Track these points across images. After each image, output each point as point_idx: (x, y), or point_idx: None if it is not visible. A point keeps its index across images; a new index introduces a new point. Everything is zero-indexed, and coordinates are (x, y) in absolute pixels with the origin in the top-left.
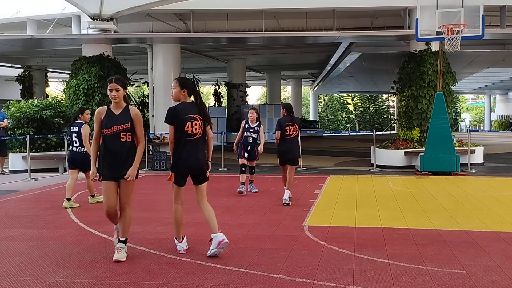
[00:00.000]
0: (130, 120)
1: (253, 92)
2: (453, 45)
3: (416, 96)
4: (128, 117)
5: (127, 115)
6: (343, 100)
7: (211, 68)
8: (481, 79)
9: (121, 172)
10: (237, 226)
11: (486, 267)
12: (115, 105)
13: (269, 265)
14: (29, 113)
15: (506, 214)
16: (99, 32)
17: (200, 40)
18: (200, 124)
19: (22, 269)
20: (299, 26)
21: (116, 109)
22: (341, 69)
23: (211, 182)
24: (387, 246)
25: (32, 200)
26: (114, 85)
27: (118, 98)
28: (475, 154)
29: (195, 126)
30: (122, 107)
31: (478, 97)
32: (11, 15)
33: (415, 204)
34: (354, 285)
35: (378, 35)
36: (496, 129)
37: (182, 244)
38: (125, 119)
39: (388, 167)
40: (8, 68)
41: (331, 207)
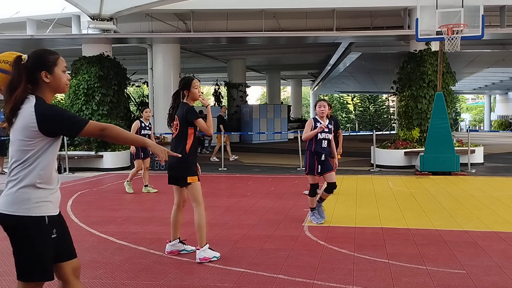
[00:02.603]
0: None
1: (253, 92)
2: (453, 45)
3: (416, 96)
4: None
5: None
6: (343, 100)
7: (211, 68)
8: (481, 79)
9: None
10: (237, 226)
11: (486, 267)
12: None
13: (269, 265)
14: None
15: (506, 214)
16: (99, 32)
17: (200, 40)
18: (176, 124)
19: None
20: (299, 26)
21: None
22: (341, 69)
23: (211, 182)
24: (387, 246)
25: None
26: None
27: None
28: (475, 154)
29: (175, 126)
30: None
31: (478, 97)
32: (11, 15)
33: (415, 204)
34: (354, 285)
35: (378, 35)
36: (496, 129)
37: (168, 245)
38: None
39: (388, 167)
40: None
41: (331, 207)
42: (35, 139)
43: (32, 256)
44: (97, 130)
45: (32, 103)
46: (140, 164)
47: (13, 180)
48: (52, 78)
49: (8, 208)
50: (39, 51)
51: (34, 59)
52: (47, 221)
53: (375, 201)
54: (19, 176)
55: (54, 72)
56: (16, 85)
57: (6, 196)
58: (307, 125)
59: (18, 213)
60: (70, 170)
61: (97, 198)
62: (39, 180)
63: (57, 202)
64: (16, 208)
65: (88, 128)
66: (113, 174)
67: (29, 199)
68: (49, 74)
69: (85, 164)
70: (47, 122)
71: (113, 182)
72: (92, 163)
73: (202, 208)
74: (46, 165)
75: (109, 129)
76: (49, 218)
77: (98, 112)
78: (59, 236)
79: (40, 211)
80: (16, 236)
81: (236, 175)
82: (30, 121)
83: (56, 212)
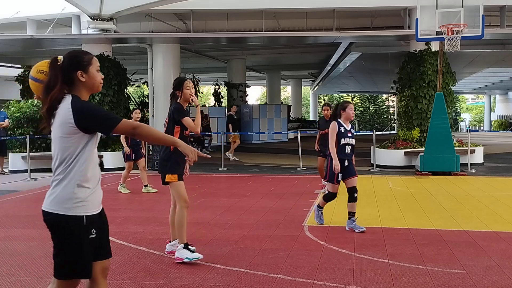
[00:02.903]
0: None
1: (253, 92)
2: (453, 45)
3: (416, 96)
4: None
5: None
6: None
7: (211, 68)
8: (481, 79)
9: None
10: (237, 226)
11: (486, 267)
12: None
13: (269, 265)
14: (29, 113)
15: (506, 214)
16: (99, 32)
17: (200, 40)
18: (165, 123)
19: (22, 269)
20: (299, 26)
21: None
22: (341, 69)
23: (211, 182)
24: (387, 246)
25: (32, 200)
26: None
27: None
28: (475, 154)
29: (165, 125)
30: None
31: (478, 97)
32: (11, 15)
33: (415, 204)
34: (354, 285)
35: (378, 35)
36: (496, 129)
37: (168, 245)
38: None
39: (388, 167)
40: (8, 68)
41: (331, 207)
42: (73, 135)
43: (70, 254)
44: (130, 129)
45: (69, 100)
46: (130, 165)
47: (56, 180)
48: (87, 77)
49: (51, 207)
50: (74, 52)
51: (69, 60)
52: (86, 221)
53: (375, 201)
54: (61, 176)
55: (89, 71)
56: (52, 85)
57: (50, 195)
58: (332, 130)
59: (59, 212)
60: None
61: None
62: (80, 178)
63: (98, 201)
64: (58, 207)
65: (121, 126)
66: (113, 174)
67: (70, 198)
68: (85, 73)
69: None
70: (83, 118)
71: (113, 182)
72: None
73: (183, 208)
74: (86, 163)
75: (141, 128)
76: (87, 218)
77: None
78: (98, 236)
79: (79, 211)
80: (56, 234)
81: (236, 175)
82: (68, 117)
83: (96, 211)
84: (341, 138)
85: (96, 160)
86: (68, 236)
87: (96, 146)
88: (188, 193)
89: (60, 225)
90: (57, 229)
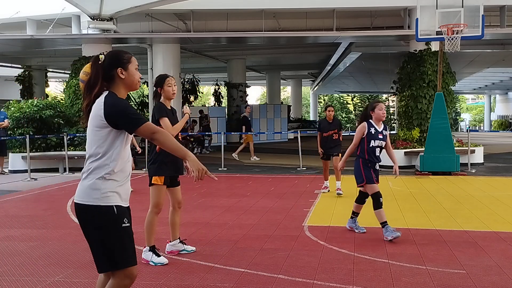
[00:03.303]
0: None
1: (253, 92)
2: (453, 45)
3: (416, 96)
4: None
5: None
6: (343, 100)
7: (211, 68)
8: (481, 79)
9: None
10: (237, 226)
11: (486, 267)
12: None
13: (269, 265)
14: (29, 113)
15: (506, 214)
16: (99, 32)
17: (200, 40)
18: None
19: (22, 269)
20: (299, 26)
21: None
22: (341, 69)
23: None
24: (387, 246)
25: (32, 200)
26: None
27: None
28: (475, 154)
29: None
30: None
31: (478, 97)
32: (11, 15)
33: (415, 204)
34: (354, 285)
35: (378, 35)
36: (496, 129)
37: (168, 245)
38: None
39: (388, 167)
40: (8, 68)
41: (331, 207)
42: (103, 128)
43: (109, 244)
44: (150, 133)
45: (104, 95)
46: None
47: (86, 172)
48: (127, 75)
49: (81, 198)
50: (115, 51)
51: (110, 58)
52: (116, 210)
53: None
54: (90, 167)
55: (128, 69)
56: (94, 83)
57: (79, 187)
58: (358, 130)
59: (89, 203)
60: (70, 170)
61: None
62: (109, 171)
63: (127, 195)
64: (87, 198)
65: (143, 128)
66: None
67: (99, 189)
68: (124, 70)
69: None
70: (112, 112)
71: None
72: None
73: (153, 213)
74: (115, 157)
75: (159, 134)
76: (117, 208)
77: None
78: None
79: (109, 201)
80: (89, 226)
81: (236, 175)
82: (99, 110)
83: (125, 204)
84: (370, 139)
85: (127, 156)
86: (101, 226)
87: (128, 142)
88: (188, 193)
89: (90, 216)
90: (88, 221)
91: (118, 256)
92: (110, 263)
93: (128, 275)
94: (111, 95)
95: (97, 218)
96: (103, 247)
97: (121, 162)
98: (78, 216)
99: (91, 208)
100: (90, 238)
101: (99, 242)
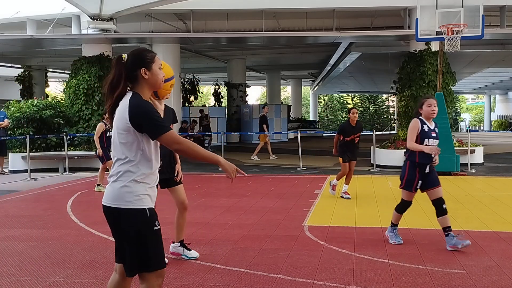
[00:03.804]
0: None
1: (253, 92)
2: (453, 45)
3: (416, 96)
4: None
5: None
6: (343, 100)
7: (211, 68)
8: (481, 79)
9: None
10: (237, 226)
11: (486, 267)
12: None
13: (269, 265)
14: (29, 113)
15: (506, 214)
16: (99, 32)
17: (200, 40)
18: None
19: (22, 269)
20: (299, 26)
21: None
22: (341, 69)
23: (211, 182)
24: (387, 246)
25: (32, 200)
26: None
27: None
28: (475, 154)
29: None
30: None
31: (478, 97)
32: (11, 15)
33: (415, 204)
34: (354, 285)
35: (378, 35)
36: (496, 129)
37: (171, 246)
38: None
39: (388, 167)
40: (8, 68)
41: (331, 207)
42: (128, 132)
43: (140, 248)
44: (173, 143)
45: (128, 97)
46: (109, 164)
47: (115, 174)
48: (150, 75)
49: (112, 201)
50: (138, 50)
51: (133, 57)
52: (149, 213)
53: (375, 201)
54: (120, 170)
55: (152, 68)
56: (117, 83)
57: (109, 189)
58: (412, 128)
59: (122, 206)
60: (70, 170)
61: (97, 198)
62: (139, 174)
63: (155, 197)
64: (120, 201)
65: (166, 137)
66: None
67: (131, 192)
68: (148, 70)
69: (85, 164)
70: (137, 116)
71: None
72: (92, 163)
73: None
74: (145, 160)
75: (184, 145)
76: (150, 211)
77: (98, 112)
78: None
79: (141, 204)
80: (121, 229)
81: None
82: (124, 113)
83: (153, 206)
84: (424, 138)
85: (157, 157)
86: (135, 229)
87: (156, 145)
88: (188, 193)
89: (123, 219)
90: (121, 224)
91: (151, 259)
92: (143, 266)
93: (160, 273)
94: (136, 96)
95: (130, 222)
96: (136, 250)
97: (151, 164)
98: (109, 219)
99: (124, 211)
100: (122, 241)
101: (132, 246)
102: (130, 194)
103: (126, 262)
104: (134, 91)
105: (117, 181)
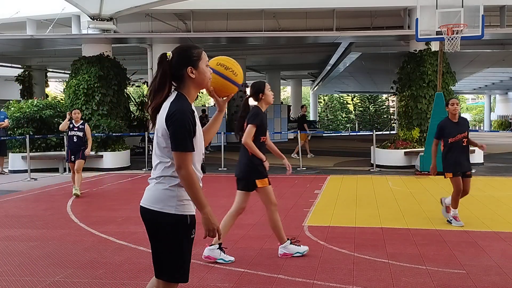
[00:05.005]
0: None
1: None
2: (453, 45)
3: (416, 96)
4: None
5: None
6: (343, 100)
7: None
8: (481, 79)
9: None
10: (237, 226)
11: (486, 267)
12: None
13: (269, 265)
14: (29, 113)
15: (506, 214)
16: (99, 32)
17: (200, 40)
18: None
19: (22, 269)
20: (299, 26)
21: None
22: (341, 69)
23: (211, 182)
24: (387, 246)
25: (32, 200)
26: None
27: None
28: (475, 154)
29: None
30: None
31: (478, 97)
32: (11, 15)
33: (415, 204)
34: (354, 285)
35: (378, 35)
36: (496, 129)
37: (206, 249)
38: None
39: (388, 167)
40: (8, 68)
41: (331, 207)
42: (166, 136)
43: (175, 255)
44: (181, 166)
45: (171, 99)
46: (72, 167)
47: (157, 178)
48: (197, 73)
49: (153, 204)
50: (183, 46)
51: (179, 56)
52: (189, 220)
53: (375, 201)
54: (163, 174)
55: (199, 67)
56: (161, 84)
57: (151, 192)
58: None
59: (163, 210)
60: (70, 170)
61: (97, 198)
62: (179, 179)
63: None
64: (161, 204)
65: (177, 155)
66: (113, 174)
67: (174, 197)
68: (195, 69)
69: (85, 164)
70: (169, 122)
71: (113, 182)
72: (92, 163)
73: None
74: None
75: (187, 176)
76: (190, 218)
77: (98, 112)
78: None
79: (184, 210)
80: (158, 233)
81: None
82: (163, 116)
83: (194, 212)
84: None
85: (200, 160)
86: (172, 236)
87: (200, 145)
88: None
89: (164, 224)
90: (160, 228)
91: (180, 268)
92: (170, 274)
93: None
94: (178, 99)
95: (170, 227)
96: (171, 256)
97: (194, 169)
98: (147, 221)
99: (164, 215)
100: (158, 244)
101: (167, 251)
102: (173, 198)
103: (155, 264)
104: (179, 91)
105: (161, 183)
